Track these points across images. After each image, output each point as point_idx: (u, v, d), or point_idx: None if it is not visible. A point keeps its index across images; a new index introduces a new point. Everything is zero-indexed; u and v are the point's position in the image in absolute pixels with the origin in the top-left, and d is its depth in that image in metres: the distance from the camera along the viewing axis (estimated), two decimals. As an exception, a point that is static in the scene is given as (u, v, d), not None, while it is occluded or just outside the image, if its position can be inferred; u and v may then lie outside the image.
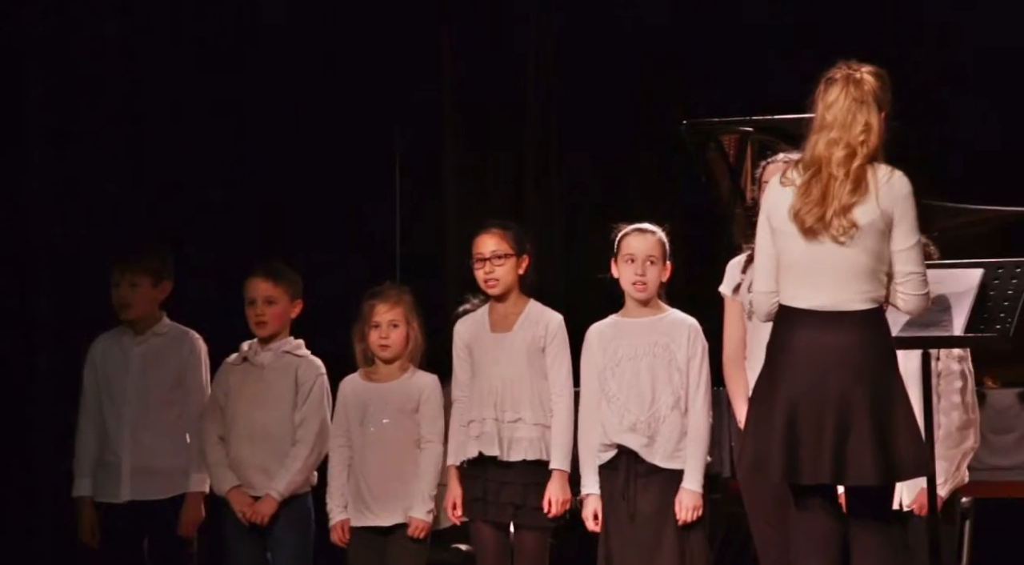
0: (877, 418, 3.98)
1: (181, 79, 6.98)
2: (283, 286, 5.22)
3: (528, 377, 4.96)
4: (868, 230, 4.03)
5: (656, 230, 4.92)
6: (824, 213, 4.03)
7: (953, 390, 4.76)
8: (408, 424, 5.10)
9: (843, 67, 4.14)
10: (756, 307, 4.20)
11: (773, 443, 4.03)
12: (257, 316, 5.20)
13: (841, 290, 4.04)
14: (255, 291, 5.22)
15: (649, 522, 4.77)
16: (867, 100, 4.08)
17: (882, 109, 4.11)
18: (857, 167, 4.04)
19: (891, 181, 4.06)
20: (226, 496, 5.16)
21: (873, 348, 4.03)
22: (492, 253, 5.00)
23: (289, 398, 5.18)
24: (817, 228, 4.03)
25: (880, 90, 4.11)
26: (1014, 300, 4.31)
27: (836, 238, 4.03)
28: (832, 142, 4.07)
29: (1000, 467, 5.35)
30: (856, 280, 4.04)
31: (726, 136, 5.94)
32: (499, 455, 4.93)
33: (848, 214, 4.02)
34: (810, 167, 4.08)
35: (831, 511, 4.09)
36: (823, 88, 4.14)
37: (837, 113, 4.09)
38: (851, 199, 4.03)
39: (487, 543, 4.98)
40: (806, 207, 4.05)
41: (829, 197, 4.03)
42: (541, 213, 7.34)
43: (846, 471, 3.98)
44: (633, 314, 4.91)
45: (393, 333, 5.11)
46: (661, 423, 4.81)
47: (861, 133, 4.06)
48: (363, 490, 5.07)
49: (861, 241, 4.03)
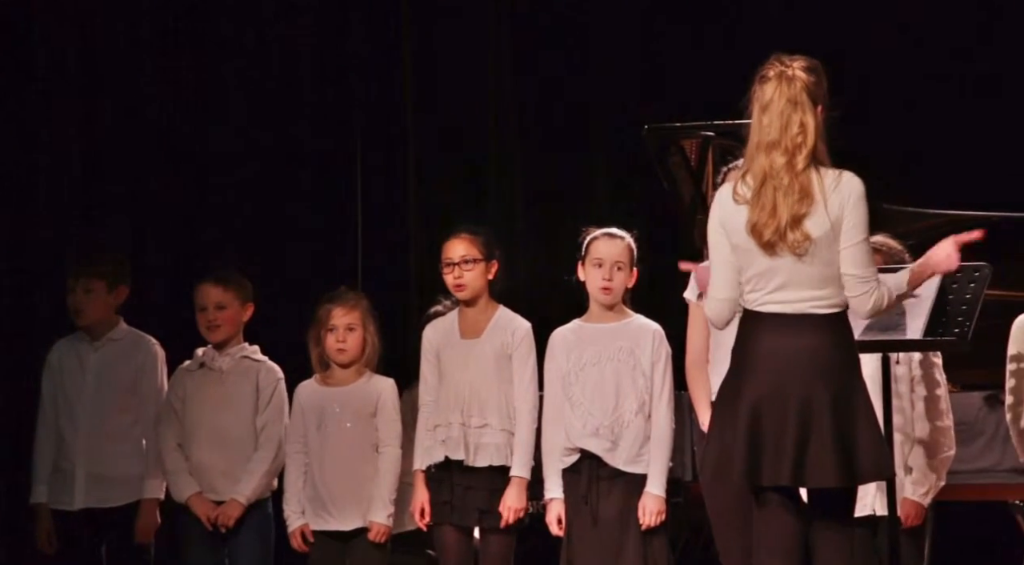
0: (838, 421, 3.97)
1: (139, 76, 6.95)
2: (233, 291, 5.22)
3: (495, 383, 4.95)
4: (823, 241, 3.99)
5: (625, 235, 4.92)
6: (778, 225, 3.98)
7: (920, 397, 4.76)
8: (366, 428, 5.09)
9: (775, 63, 4.05)
10: (713, 315, 4.17)
11: (736, 445, 4.02)
12: (209, 321, 5.20)
13: (804, 295, 4.02)
14: (205, 297, 5.21)
15: (612, 526, 4.77)
16: (800, 99, 3.99)
17: (817, 103, 4.03)
18: (800, 172, 3.98)
19: (840, 186, 4.00)
20: (187, 503, 5.13)
21: (835, 351, 4.02)
22: (461, 258, 4.99)
23: (250, 402, 5.17)
24: (775, 241, 3.99)
25: (814, 85, 4.02)
26: (972, 304, 4.31)
27: (794, 251, 3.99)
28: (771, 147, 4.00)
29: (964, 471, 5.36)
30: (819, 287, 4.02)
31: (688, 141, 5.94)
32: (465, 460, 4.93)
33: (800, 226, 3.98)
34: (757, 177, 4.02)
35: (794, 513, 4.08)
36: (757, 87, 4.05)
37: (773, 116, 4.00)
38: (800, 209, 3.97)
39: (451, 547, 4.97)
40: (761, 221, 4.00)
41: (779, 208, 3.98)
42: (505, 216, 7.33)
43: (806, 473, 3.97)
44: (597, 319, 4.91)
45: (350, 337, 5.10)
46: (624, 428, 4.81)
47: (798, 135, 3.98)
48: (322, 495, 5.06)
49: (819, 253, 4.00)
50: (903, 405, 4.70)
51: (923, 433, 4.75)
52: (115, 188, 6.89)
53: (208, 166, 7.09)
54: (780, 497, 4.06)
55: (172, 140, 7.01)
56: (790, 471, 3.96)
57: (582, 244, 4.92)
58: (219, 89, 7.14)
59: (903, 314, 4.31)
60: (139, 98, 6.97)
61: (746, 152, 4.07)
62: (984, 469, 5.50)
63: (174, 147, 7.01)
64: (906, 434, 4.71)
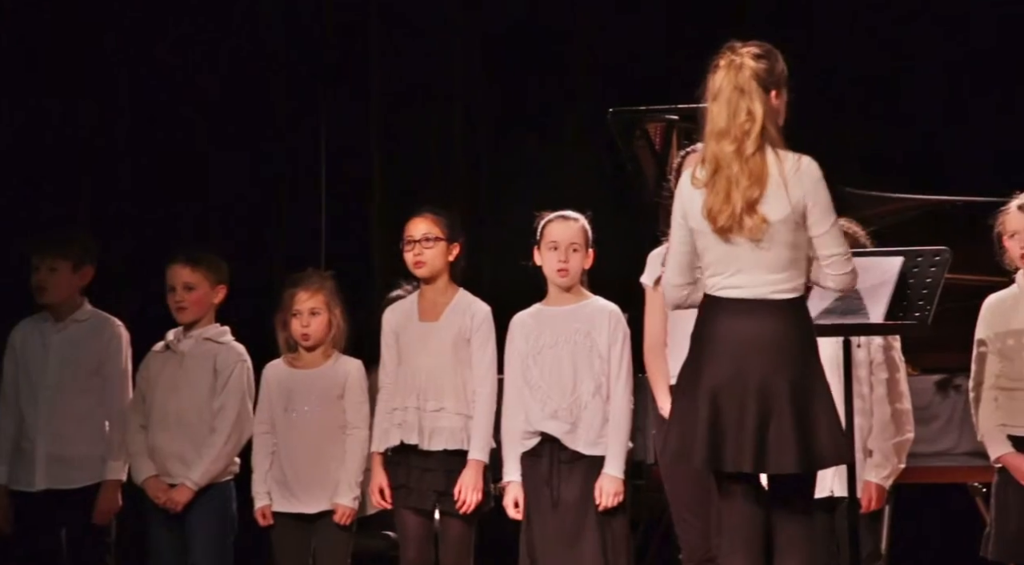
0: (797, 406, 3.99)
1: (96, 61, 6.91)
2: (202, 272, 5.19)
3: (453, 366, 4.96)
4: (782, 225, 4.01)
5: (579, 217, 4.93)
6: (733, 211, 4.01)
7: (881, 380, 4.80)
8: (333, 410, 5.09)
9: (727, 52, 4.07)
10: (666, 297, 4.20)
11: (696, 431, 4.03)
12: (176, 302, 5.18)
13: (763, 280, 4.04)
14: (174, 277, 5.19)
15: (572, 509, 4.78)
16: (748, 86, 4.01)
17: (769, 90, 4.04)
18: (750, 157, 4.01)
19: (799, 171, 4.03)
20: (142, 485, 5.12)
21: (794, 336, 4.04)
22: (423, 235, 5.00)
23: (207, 385, 5.16)
24: (730, 225, 4.02)
25: (764, 71, 4.04)
26: (933, 288, 4.34)
27: (751, 236, 4.01)
28: (721, 135, 4.03)
29: (923, 454, 5.41)
30: (777, 271, 4.04)
31: (652, 124, 5.96)
32: (420, 444, 4.93)
33: (755, 211, 4.00)
34: (711, 164, 4.06)
35: (755, 499, 4.10)
36: (710, 75, 4.08)
37: (721, 104, 4.03)
38: (753, 194, 4.00)
39: (410, 530, 4.98)
40: (716, 206, 4.03)
41: (733, 195, 4.00)
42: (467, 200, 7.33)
43: (767, 459, 3.99)
44: (555, 302, 4.92)
45: (314, 321, 5.09)
46: (583, 410, 4.82)
47: (745, 122, 4.00)
48: (288, 477, 5.07)
49: (778, 236, 4.02)
50: (863, 389, 4.74)
51: (883, 416, 4.79)
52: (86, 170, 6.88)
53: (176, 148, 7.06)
54: (741, 483, 4.09)
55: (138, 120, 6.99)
56: (752, 457, 3.98)
57: (537, 228, 4.92)
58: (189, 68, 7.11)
59: (864, 298, 4.34)
60: (109, 75, 6.94)
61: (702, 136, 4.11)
62: (942, 452, 5.54)
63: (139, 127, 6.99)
64: (866, 417, 4.75)
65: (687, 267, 4.12)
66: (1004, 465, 4.65)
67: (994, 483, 4.71)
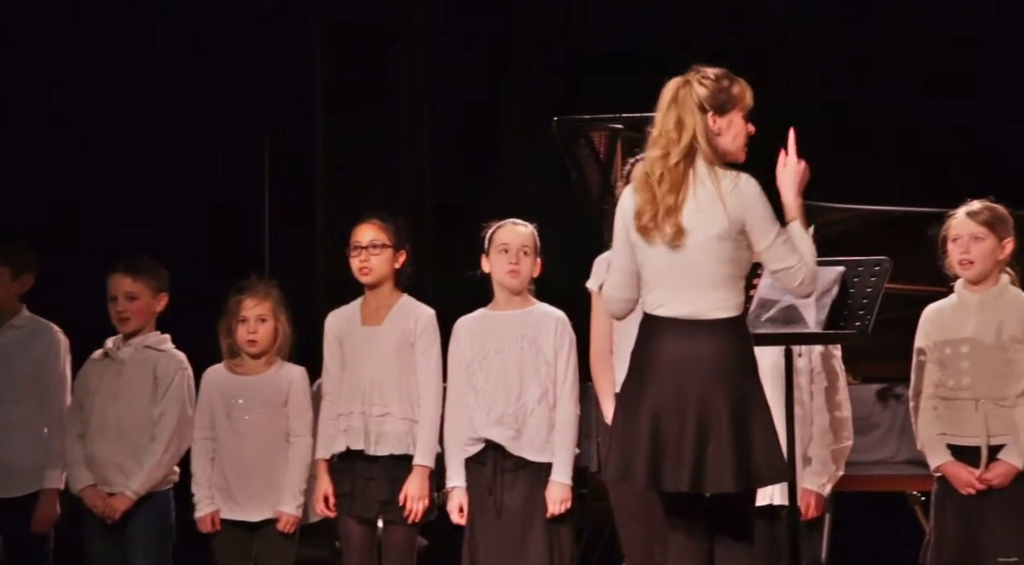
0: (735, 425, 4.01)
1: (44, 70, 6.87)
2: (143, 281, 5.17)
3: (397, 371, 4.95)
4: (718, 241, 4.03)
5: (528, 225, 4.95)
6: (655, 212, 4.06)
7: (820, 388, 4.83)
8: (276, 418, 5.07)
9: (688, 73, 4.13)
10: (608, 308, 4.23)
11: (638, 451, 4.05)
12: (119, 313, 5.15)
13: (701, 299, 4.06)
14: (116, 287, 5.16)
15: (516, 516, 4.78)
16: (686, 102, 4.07)
17: (707, 110, 4.07)
18: (672, 166, 4.05)
19: (738, 187, 4.06)
20: (80, 494, 5.09)
21: (732, 355, 4.06)
22: (370, 242, 4.99)
23: (148, 393, 5.13)
24: (649, 227, 4.06)
25: (708, 92, 4.08)
26: (873, 297, 4.38)
27: (670, 244, 4.05)
28: (654, 142, 4.11)
29: (863, 462, 5.45)
30: (714, 289, 4.06)
31: (596, 133, 5.98)
32: (365, 449, 4.92)
33: (672, 217, 4.04)
34: (644, 170, 4.13)
35: (700, 523, 4.12)
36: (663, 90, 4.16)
37: (659, 114, 4.12)
38: (669, 200, 4.05)
39: (353, 539, 4.97)
40: (641, 206, 4.08)
41: (657, 199, 4.06)
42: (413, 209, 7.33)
43: (705, 478, 4.02)
44: (502, 307, 4.91)
45: (261, 328, 5.08)
46: (528, 416, 4.81)
47: (672, 130, 4.06)
48: (231, 484, 5.05)
49: (713, 251, 4.04)
50: (803, 397, 4.77)
51: (822, 423, 4.82)
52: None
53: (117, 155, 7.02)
54: (687, 508, 4.11)
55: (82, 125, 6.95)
56: (689, 477, 4.01)
57: (485, 237, 4.92)
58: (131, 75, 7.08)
59: (805, 308, 4.37)
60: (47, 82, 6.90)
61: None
62: (882, 460, 5.59)
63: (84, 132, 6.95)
64: (806, 425, 4.78)
65: (631, 284, 4.15)
66: (943, 474, 4.68)
67: (933, 492, 4.75)
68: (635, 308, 4.18)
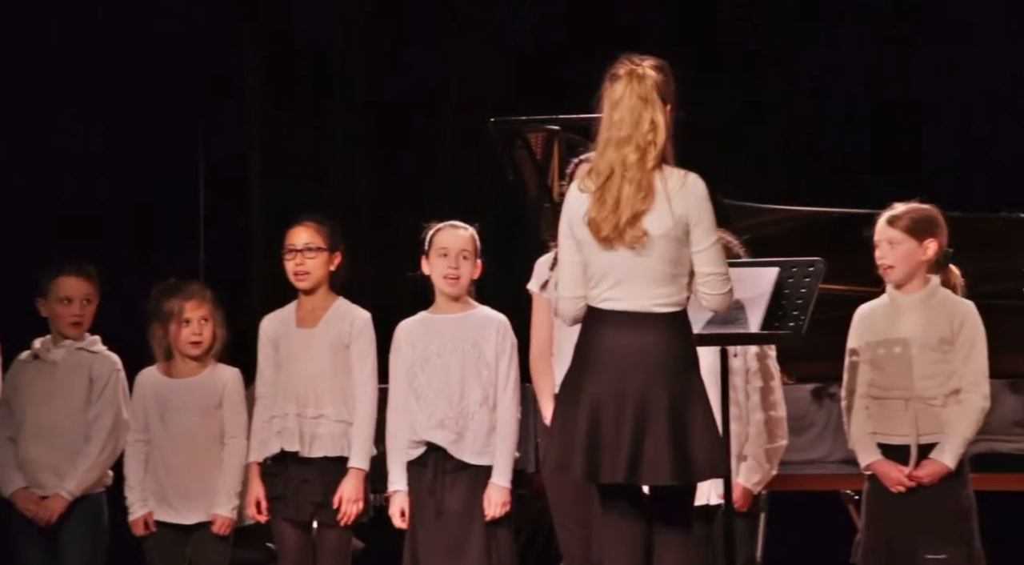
0: (675, 419, 4.03)
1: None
2: (95, 285, 5.15)
3: (332, 373, 4.93)
4: (663, 239, 4.04)
5: (468, 227, 4.93)
6: (618, 222, 4.03)
7: (756, 388, 4.87)
8: (211, 420, 5.05)
9: (626, 62, 4.10)
10: (561, 312, 4.20)
11: (576, 443, 4.05)
12: (75, 316, 5.12)
13: (644, 294, 4.07)
14: (73, 290, 5.13)
15: (456, 519, 4.78)
16: (651, 97, 4.05)
17: (667, 103, 4.09)
18: (649, 171, 4.03)
19: (685, 187, 4.06)
20: (11, 498, 5.03)
21: (673, 349, 4.07)
22: (305, 245, 4.97)
23: (82, 395, 5.09)
24: (612, 237, 4.04)
25: (663, 84, 4.08)
26: (807, 298, 4.41)
27: (630, 247, 4.04)
28: (622, 143, 4.05)
29: (798, 462, 5.49)
30: (657, 286, 4.07)
31: (533, 134, 6.00)
32: (300, 451, 4.90)
33: (639, 223, 4.03)
34: (603, 173, 4.06)
35: (636, 509, 4.13)
36: (608, 85, 4.10)
37: (624, 112, 4.06)
38: (641, 206, 4.02)
39: (288, 541, 4.95)
40: (601, 215, 4.04)
41: (622, 204, 4.02)
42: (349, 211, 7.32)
43: (642, 471, 4.02)
44: (443, 310, 4.90)
45: (206, 329, 5.06)
46: (470, 419, 4.81)
47: (649, 132, 4.03)
48: (165, 487, 5.02)
49: (658, 250, 4.05)
50: (738, 397, 4.81)
51: (757, 423, 4.86)
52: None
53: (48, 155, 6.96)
54: (622, 493, 4.11)
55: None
56: (626, 468, 4.01)
57: (425, 239, 4.91)
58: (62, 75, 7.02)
59: (742, 308, 4.40)
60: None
61: (595, 148, 4.11)
62: (817, 459, 5.64)
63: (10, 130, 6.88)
64: (742, 424, 4.81)
65: (580, 280, 4.13)
66: (874, 472, 4.73)
67: (864, 490, 4.80)
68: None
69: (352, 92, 7.56)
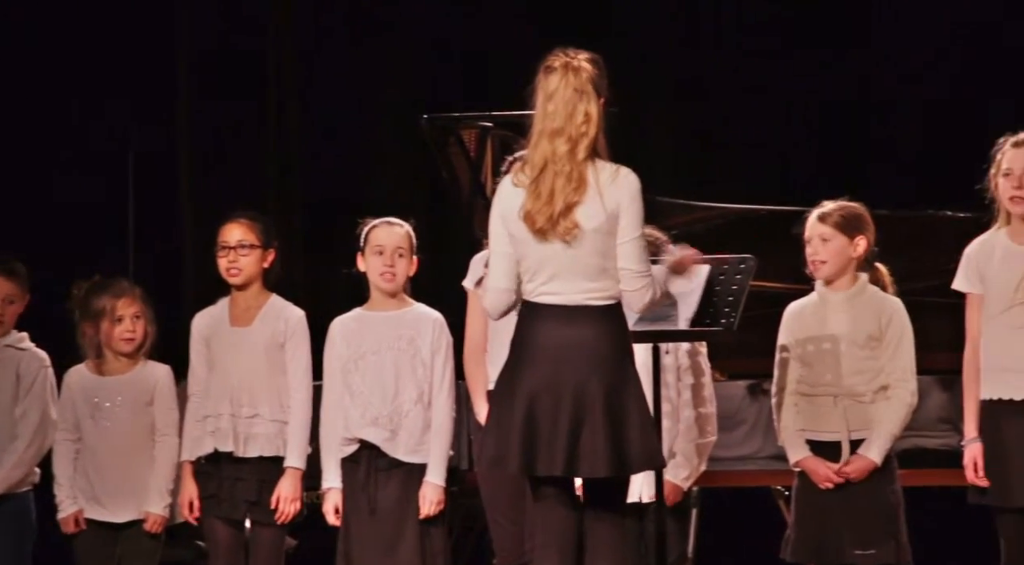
0: (610, 411, 4.04)
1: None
2: (20, 284, 5.11)
3: (266, 372, 4.91)
4: (595, 233, 4.04)
5: (404, 224, 4.92)
6: (552, 213, 4.03)
7: (687, 385, 4.90)
8: (142, 417, 5.02)
9: (560, 55, 4.11)
10: (490, 305, 4.19)
11: (512, 436, 4.06)
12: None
13: (578, 288, 4.08)
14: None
15: (390, 516, 4.77)
16: (586, 89, 4.05)
17: (600, 96, 4.09)
18: (580, 162, 4.03)
19: (617, 181, 4.07)
20: None
21: (609, 342, 4.08)
22: (238, 242, 4.94)
23: (9, 392, 5.05)
24: (546, 228, 4.04)
25: (597, 77, 4.08)
26: (738, 295, 4.44)
27: (563, 239, 4.04)
28: (555, 134, 4.05)
29: (729, 458, 5.53)
30: (590, 279, 4.08)
31: (466, 131, 6.00)
32: (235, 451, 4.87)
33: (571, 214, 4.03)
34: (537, 165, 4.06)
35: (568, 503, 4.14)
36: (542, 77, 4.09)
37: (558, 104, 4.05)
38: (574, 198, 4.03)
39: (220, 540, 4.93)
40: (536, 207, 4.04)
41: (556, 196, 4.02)
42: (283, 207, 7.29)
43: (579, 463, 4.03)
44: (378, 307, 4.89)
45: (139, 325, 5.04)
46: (404, 417, 4.80)
47: (582, 124, 4.03)
48: (95, 485, 4.98)
49: (589, 243, 4.05)
50: (670, 393, 4.84)
51: (687, 419, 4.89)
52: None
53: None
54: (555, 488, 4.12)
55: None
56: (563, 461, 4.02)
57: (360, 235, 4.90)
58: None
59: (674, 305, 4.42)
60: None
61: (528, 140, 4.11)
62: (747, 456, 5.68)
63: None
64: (673, 420, 4.85)
65: (510, 273, 4.12)
66: (803, 469, 4.77)
67: (794, 487, 4.84)
68: (515, 305, 4.17)
69: (284, 88, 7.52)
